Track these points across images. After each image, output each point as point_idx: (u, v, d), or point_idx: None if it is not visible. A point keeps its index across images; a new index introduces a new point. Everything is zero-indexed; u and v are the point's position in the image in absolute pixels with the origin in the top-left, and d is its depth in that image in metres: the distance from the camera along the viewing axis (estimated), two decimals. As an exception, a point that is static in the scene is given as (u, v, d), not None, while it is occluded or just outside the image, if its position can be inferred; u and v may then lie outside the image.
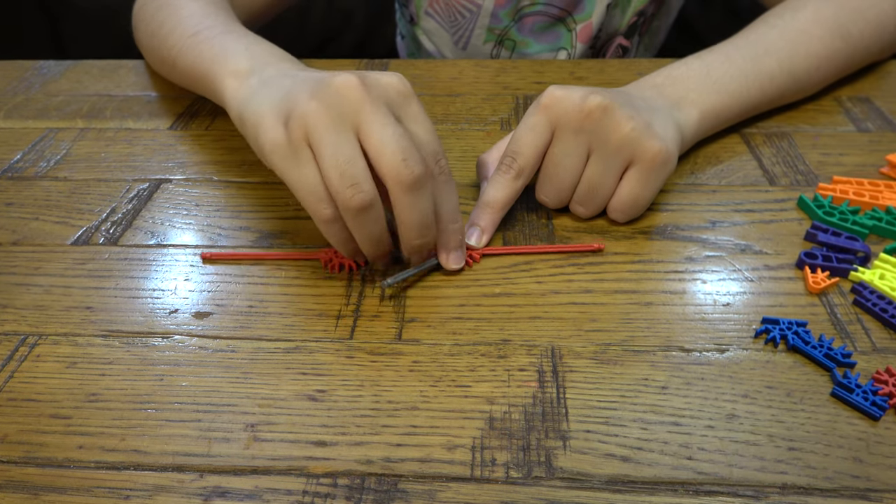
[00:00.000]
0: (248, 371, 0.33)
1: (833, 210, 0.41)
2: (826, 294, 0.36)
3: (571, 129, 0.38)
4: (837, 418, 0.30)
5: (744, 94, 0.47)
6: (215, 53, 0.44)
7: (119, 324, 0.35)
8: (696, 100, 0.44)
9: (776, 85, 0.48)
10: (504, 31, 0.68)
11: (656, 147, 0.38)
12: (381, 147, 0.32)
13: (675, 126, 0.41)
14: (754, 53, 0.48)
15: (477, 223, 0.40)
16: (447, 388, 0.32)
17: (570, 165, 0.39)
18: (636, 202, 0.40)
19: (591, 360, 0.33)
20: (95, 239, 0.41)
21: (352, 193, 0.32)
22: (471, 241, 0.39)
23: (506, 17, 0.67)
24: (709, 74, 0.46)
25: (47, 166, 0.48)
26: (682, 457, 0.29)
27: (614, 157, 0.38)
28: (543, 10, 0.66)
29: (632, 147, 0.38)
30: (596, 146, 0.38)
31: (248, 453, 0.29)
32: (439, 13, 0.70)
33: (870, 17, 0.52)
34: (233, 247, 0.40)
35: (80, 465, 0.29)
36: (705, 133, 0.47)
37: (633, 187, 0.39)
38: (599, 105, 0.37)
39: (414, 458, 0.29)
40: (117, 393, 0.32)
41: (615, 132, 0.38)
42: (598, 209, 0.41)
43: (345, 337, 0.34)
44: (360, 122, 0.32)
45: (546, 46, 0.69)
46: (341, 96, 0.33)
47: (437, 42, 0.73)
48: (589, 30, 0.67)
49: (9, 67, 0.62)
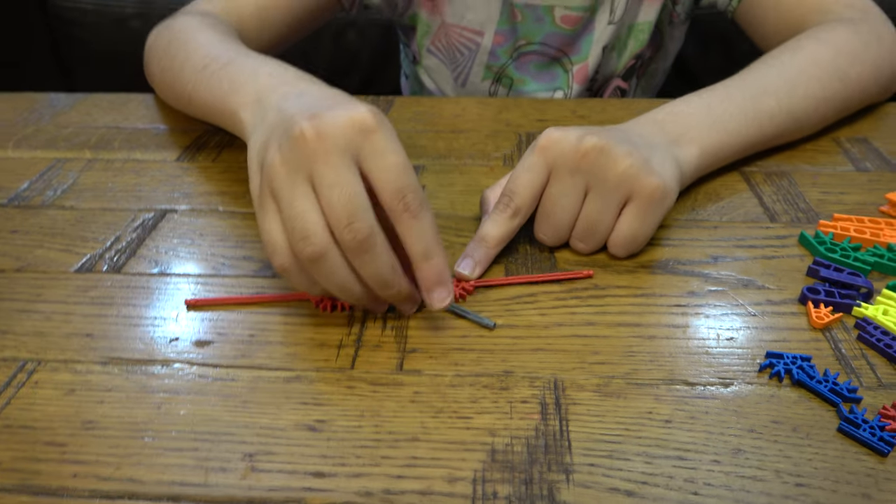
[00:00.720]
0: (247, 400, 0.32)
1: (835, 246, 0.41)
2: (829, 329, 0.36)
3: (568, 169, 0.39)
4: (845, 454, 0.30)
5: (743, 132, 0.47)
6: (226, 87, 0.45)
7: (119, 351, 0.35)
8: (696, 137, 0.45)
9: (775, 124, 0.49)
10: (502, 69, 0.69)
11: (654, 182, 0.38)
12: (328, 209, 0.32)
13: (673, 162, 0.42)
14: (754, 93, 0.48)
15: (471, 255, 0.40)
16: (448, 419, 0.31)
17: (568, 205, 0.40)
18: (635, 238, 0.40)
19: (594, 393, 0.33)
20: (99, 267, 0.41)
21: (302, 246, 0.32)
22: (465, 272, 0.39)
23: (503, 55, 0.68)
24: (709, 112, 0.46)
25: (54, 195, 0.49)
26: (687, 492, 0.28)
27: (612, 194, 0.39)
28: (539, 49, 0.68)
29: (629, 183, 0.38)
30: (593, 184, 0.39)
31: (245, 483, 0.29)
32: (441, 50, 0.71)
33: (867, 60, 0.53)
34: (235, 276, 0.40)
35: (73, 494, 0.28)
36: (705, 170, 0.47)
37: (632, 223, 0.39)
38: (595, 146, 0.38)
39: (414, 491, 0.28)
40: (114, 420, 0.31)
41: (612, 170, 0.38)
42: (597, 245, 0.41)
43: (346, 367, 0.34)
44: (312, 176, 0.32)
45: (543, 86, 0.70)
46: (297, 149, 0.32)
47: (437, 79, 0.74)
48: (585, 71, 0.68)
49: (20, 99, 0.63)
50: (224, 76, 0.46)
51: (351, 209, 0.31)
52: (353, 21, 1.06)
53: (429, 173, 0.51)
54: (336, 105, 0.33)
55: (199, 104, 0.50)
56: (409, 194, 0.33)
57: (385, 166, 0.32)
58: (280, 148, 0.33)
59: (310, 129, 0.32)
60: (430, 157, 0.53)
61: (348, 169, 0.32)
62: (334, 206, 0.31)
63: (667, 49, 0.74)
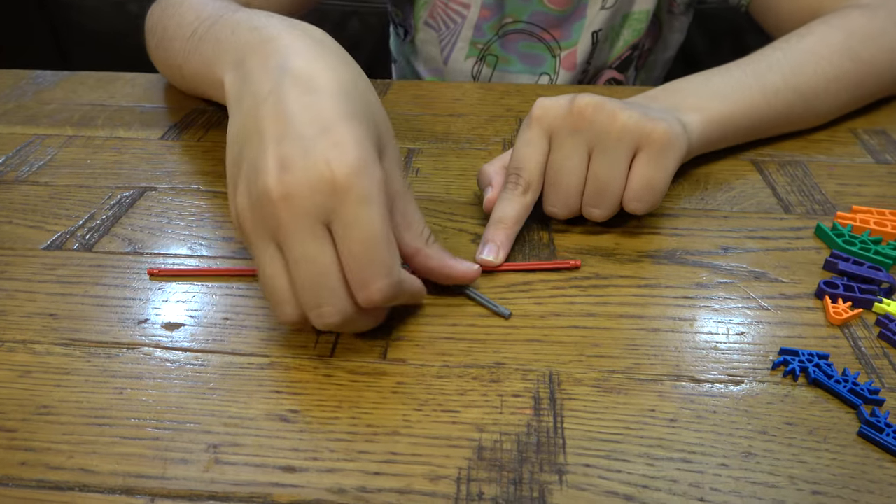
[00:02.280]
0: (216, 387, 0.30)
1: (854, 239, 0.39)
2: (848, 326, 0.34)
3: (567, 131, 0.37)
4: (866, 460, 0.27)
5: (747, 102, 0.45)
6: (210, 52, 0.41)
7: (83, 332, 0.33)
8: (695, 104, 0.43)
9: (782, 99, 0.46)
10: (486, 46, 0.67)
11: (661, 127, 0.36)
12: (296, 285, 0.29)
13: (675, 119, 0.40)
14: (757, 69, 0.47)
15: (492, 240, 0.37)
16: (433, 412, 0.29)
17: (573, 167, 0.38)
18: (651, 186, 0.37)
19: (592, 388, 0.30)
20: (69, 244, 0.39)
21: (273, 307, 0.30)
22: (489, 258, 0.37)
23: (489, 31, 0.66)
24: (708, 84, 0.45)
25: (29, 171, 0.46)
26: (692, 497, 0.25)
27: (617, 148, 0.36)
28: (526, 28, 0.65)
29: (634, 133, 0.36)
30: (595, 141, 0.37)
31: (208, 477, 0.26)
32: (433, 25, 0.69)
33: (883, 43, 0.50)
34: (213, 257, 0.38)
35: (19, 484, 0.26)
36: (713, 142, 0.45)
37: (645, 171, 0.37)
38: (589, 103, 0.37)
39: (392, 489, 0.26)
40: (71, 406, 0.29)
41: (612, 123, 0.36)
42: (612, 207, 0.38)
43: (325, 354, 0.32)
44: (279, 241, 0.28)
45: (528, 68, 0.67)
46: (262, 207, 0.28)
47: (430, 54, 0.71)
48: (573, 58, 0.66)
49: (5, 76, 0.61)
50: (210, 39, 0.41)
51: (317, 291, 0.28)
52: (356, 9, 1.04)
53: (424, 156, 0.48)
54: (317, 135, 0.28)
55: (190, 76, 0.46)
56: (379, 281, 0.28)
57: (355, 240, 0.28)
58: (249, 193, 0.29)
59: (276, 188, 0.27)
60: (427, 140, 0.50)
61: (315, 240, 0.28)
62: (301, 283, 0.28)
63: (666, 40, 0.71)
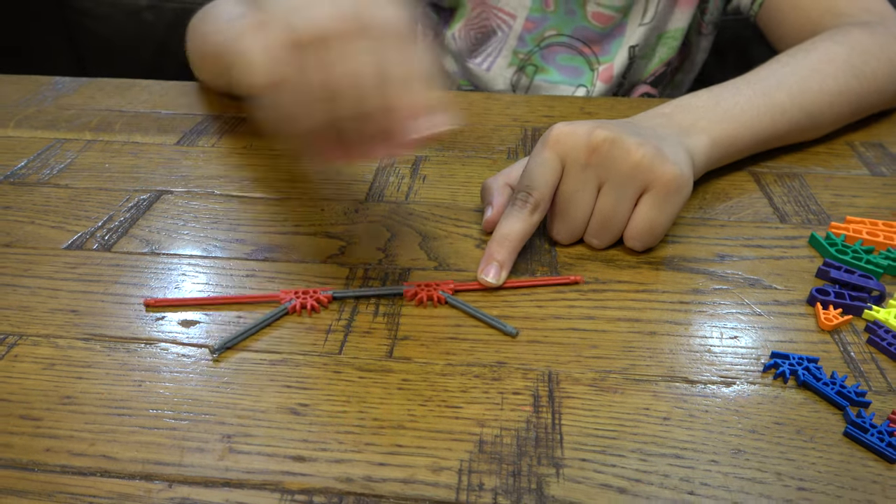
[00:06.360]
0: (230, 381, 0.31)
1: (846, 248, 0.40)
2: (838, 332, 0.35)
3: (580, 164, 0.38)
4: (851, 459, 0.28)
5: (755, 123, 0.46)
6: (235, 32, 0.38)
7: (103, 328, 0.34)
8: (705, 127, 0.44)
9: (788, 118, 0.47)
10: (528, 56, 0.68)
11: (671, 171, 0.37)
12: None
13: (685, 152, 0.40)
14: (765, 87, 0.47)
15: (495, 258, 0.38)
16: (436, 407, 0.30)
17: (582, 200, 0.39)
18: (652, 228, 0.38)
19: (589, 387, 0.31)
20: (89, 245, 0.41)
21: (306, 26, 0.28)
22: (488, 278, 0.37)
23: (531, 42, 0.67)
24: (718, 104, 0.45)
25: (50, 174, 0.48)
26: (683, 491, 0.27)
27: (626, 186, 0.37)
28: (567, 42, 0.67)
29: (644, 173, 0.37)
30: (606, 177, 0.38)
31: (222, 465, 0.28)
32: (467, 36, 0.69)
33: (883, 58, 0.52)
34: (226, 258, 0.40)
35: (44, 469, 0.27)
36: (716, 162, 0.46)
37: (648, 213, 0.38)
38: (606, 138, 0.37)
39: (397, 479, 0.27)
40: (93, 397, 0.30)
41: (625, 161, 0.37)
42: (612, 239, 0.40)
43: (334, 351, 0.33)
44: None
45: (567, 79, 0.68)
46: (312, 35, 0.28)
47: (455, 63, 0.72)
48: (610, 71, 0.67)
49: (25, 82, 0.63)
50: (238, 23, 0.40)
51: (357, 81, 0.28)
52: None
53: (431, 164, 0.50)
54: None
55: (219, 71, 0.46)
56: None
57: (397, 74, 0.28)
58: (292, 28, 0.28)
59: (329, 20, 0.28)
60: (433, 149, 0.52)
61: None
62: None
63: (693, 59, 0.73)
